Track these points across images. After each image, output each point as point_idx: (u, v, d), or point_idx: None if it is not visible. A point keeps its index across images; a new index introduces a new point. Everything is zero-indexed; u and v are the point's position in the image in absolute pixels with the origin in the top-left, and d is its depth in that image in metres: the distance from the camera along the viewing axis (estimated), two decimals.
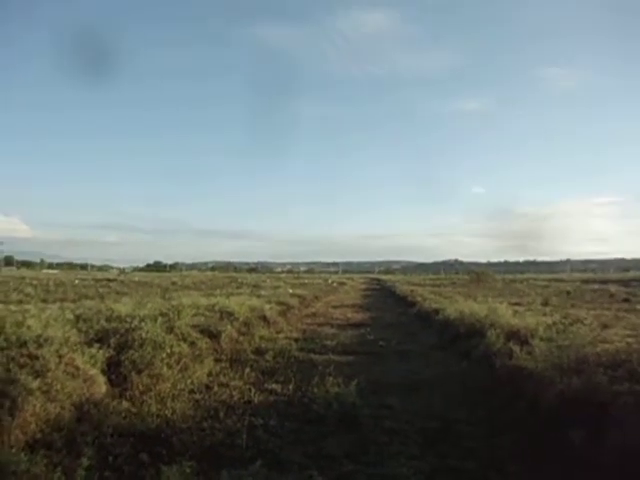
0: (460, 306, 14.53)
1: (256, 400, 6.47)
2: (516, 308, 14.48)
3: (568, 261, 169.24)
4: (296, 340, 12.01)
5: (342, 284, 52.44)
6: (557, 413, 4.91)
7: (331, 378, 6.98)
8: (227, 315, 12.10)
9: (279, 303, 18.33)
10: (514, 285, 47.24)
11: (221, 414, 5.81)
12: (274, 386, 7.25)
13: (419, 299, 22.97)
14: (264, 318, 14.32)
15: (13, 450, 4.38)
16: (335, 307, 23.43)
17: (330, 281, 55.60)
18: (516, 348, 7.19)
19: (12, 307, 9.05)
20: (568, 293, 31.00)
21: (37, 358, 5.48)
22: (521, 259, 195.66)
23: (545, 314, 12.87)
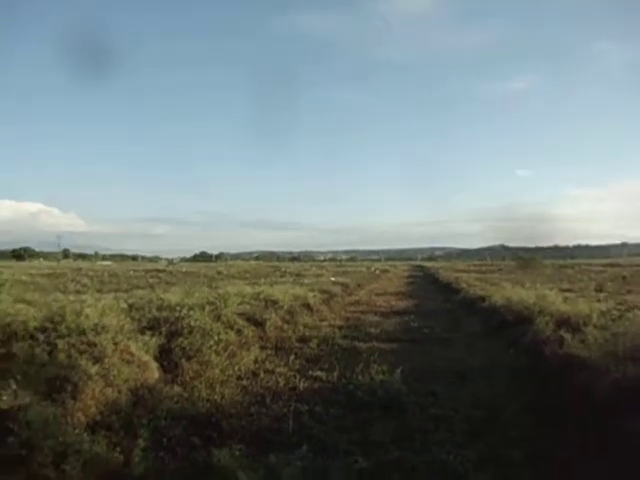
0: (507, 293, 14.15)
1: (301, 387, 6.59)
2: (567, 295, 13.96)
3: (624, 245, 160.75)
4: (340, 328, 12.10)
5: (385, 272, 52.15)
6: (611, 402, 4.73)
7: (375, 365, 7.00)
8: (271, 303, 12.33)
9: (322, 291, 18.47)
10: (565, 270, 45.45)
11: (268, 400, 5.97)
12: (319, 373, 7.35)
13: (464, 286, 22.53)
14: (308, 306, 14.48)
15: (76, 431, 4.67)
16: (378, 295, 23.35)
17: (373, 269, 55.37)
18: (567, 336, 6.95)
19: (71, 297, 9.58)
20: (624, 278, 29.51)
21: (95, 345, 5.81)
22: (572, 243, 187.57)
23: (599, 300, 12.34)
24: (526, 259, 55.02)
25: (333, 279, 26.65)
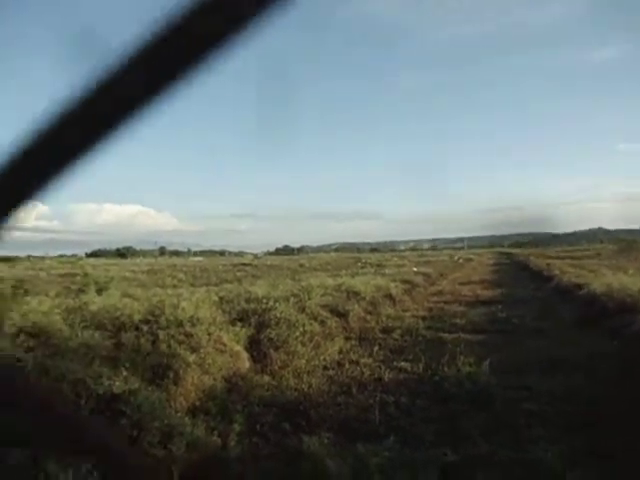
0: (608, 280, 13.05)
1: (386, 377, 6.61)
2: None
3: None
4: (423, 318, 11.91)
5: (469, 260, 50.26)
6: None
7: (462, 357, 6.83)
8: (353, 295, 12.43)
9: (404, 281, 18.25)
10: None
11: (353, 390, 6.06)
12: (403, 364, 7.32)
13: (557, 273, 21.10)
14: (390, 297, 14.40)
15: (179, 414, 5.09)
16: (462, 284, 22.59)
17: (456, 257, 53.58)
18: None
19: (169, 291, 10.35)
20: None
21: (192, 336, 6.26)
22: None
23: None
24: (629, 242, 50.16)
25: (415, 269, 26.20)
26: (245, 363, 6.61)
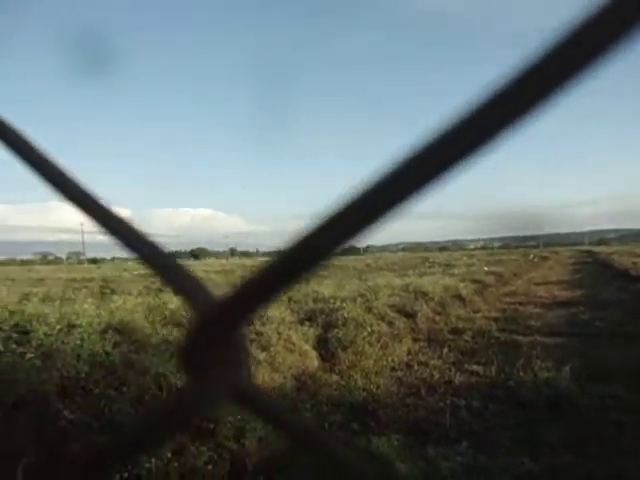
0: None
1: (457, 380, 6.43)
2: None
3: None
4: (495, 320, 11.43)
5: (545, 259, 47.58)
6: None
7: (539, 361, 6.49)
8: (421, 295, 12.20)
9: (474, 281, 17.63)
10: None
11: (422, 392, 5.95)
12: (475, 367, 7.08)
13: None
14: (459, 297, 13.98)
15: None
16: (538, 284, 21.42)
17: (531, 256, 50.95)
18: None
19: None
20: None
21: (262, 334, 6.45)
22: None
23: None
24: None
25: (486, 268, 25.22)
26: (314, 362, 6.70)
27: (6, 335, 4.76)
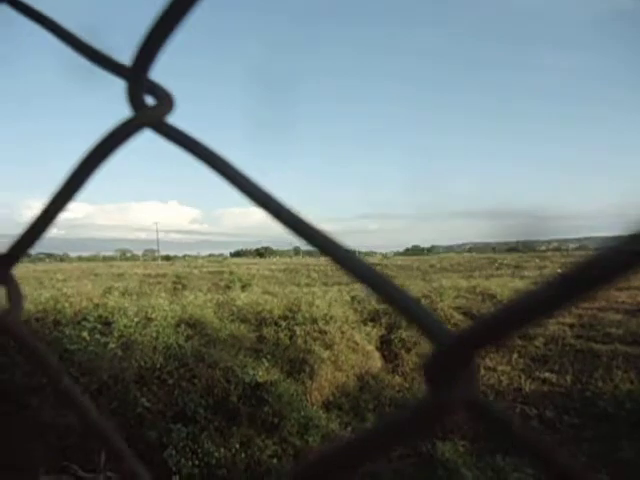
0: None
1: (527, 388, 6.15)
2: None
3: None
4: (570, 326, 10.77)
5: None
6: None
7: (620, 372, 6.05)
8: (489, 297, 11.76)
9: None
10: None
11: (490, 398, 5.75)
12: (547, 375, 6.73)
13: None
14: None
15: (314, 407, 5.34)
16: (620, 289, 19.89)
17: None
18: None
19: (304, 289, 10.88)
20: None
21: (325, 333, 6.51)
22: None
23: None
24: None
25: (559, 271, 23.77)
26: (377, 362, 6.68)
27: (91, 326, 5.16)
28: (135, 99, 0.28)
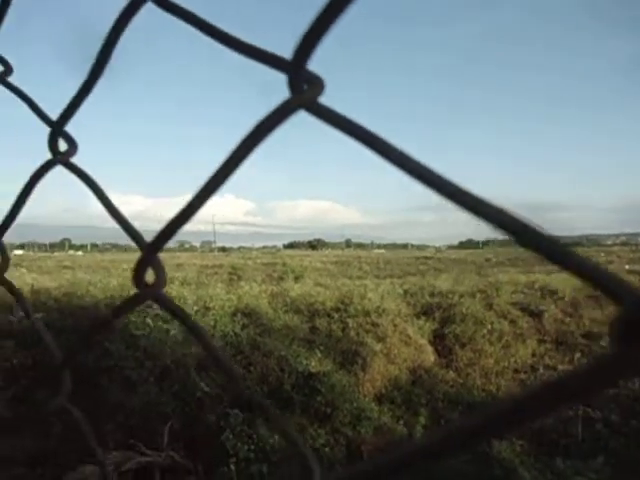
0: None
1: None
2: None
3: None
4: None
5: None
6: None
7: None
8: (549, 293, 11.25)
9: None
10: None
11: None
12: None
13: None
14: (595, 298, 12.61)
15: (366, 399, 5.36)
16: None
17: None
18: None
19: (356, 282, 10.90)
20: None
21: (378, 326, 6.51)
22: None
23: None
24: None
25: (627, 267, 22.40)
26: (430, 357, 6.59)
27: (155, 313, 5.44)
28: (295, 89, 0.31)
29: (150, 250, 0.42)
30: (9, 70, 0.58)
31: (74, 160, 0.51)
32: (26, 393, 4.64)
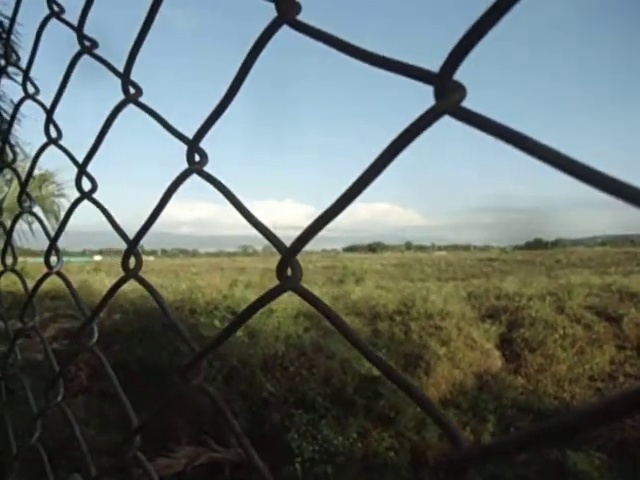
0: None
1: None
2: None
3: None
4: None
5: None
6: None
7: None
8: (628, 296, 10.48)
9: None
10: None
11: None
12: None
13: None
14: None
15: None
16: None
17: None
18: None
19: (418, 285, 10.72)
20: None
21: (441, 329, 6.38)
22: None
23: None
24: None
25: None
26: (497, 362, 6.37)
27: (222, 315, 5.66)
28: (440, 97, 0.33)
29: (289, 253, 0.46)
30: (139, 92, 0.67)
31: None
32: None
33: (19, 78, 0.98)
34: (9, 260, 1.08)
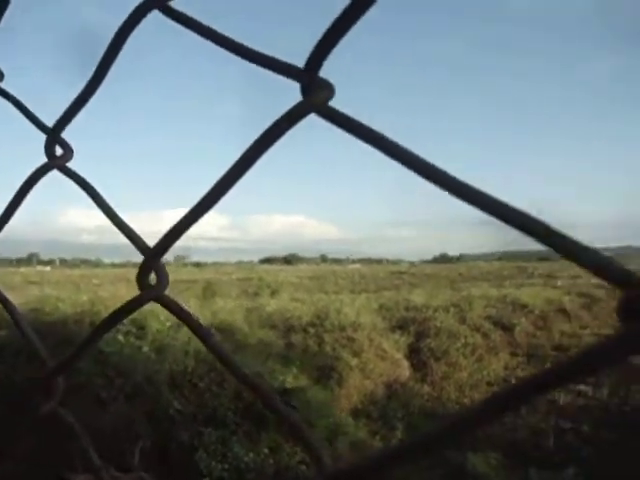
0: None
1: (561, 401, 5.98)
2: None
3: None
4: None
5: None
6: None
7: None
8: (520, 307, 11.49)
9: (581, 295, 16.21)
10: None
11: (523, 411, 5.62)
12: (583, 388, 6.52)
13: None
14: (563, 311, 12.95)
15: (342, 414, 5.33)
16: None
17: None
18: None
19: (332, 297, 10.88)
20: None
21: (353, 340, 6.51)
22: None
23: None
24: None
25: (595, 280, 22.99)
26: (405, 371, 6.62)
27: (126, 329, 5.31)
28: (307, 94, 0.32)
29: (152, 255, 0.43)
30: (0, 76, 0.58)
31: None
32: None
33: None
34: None
